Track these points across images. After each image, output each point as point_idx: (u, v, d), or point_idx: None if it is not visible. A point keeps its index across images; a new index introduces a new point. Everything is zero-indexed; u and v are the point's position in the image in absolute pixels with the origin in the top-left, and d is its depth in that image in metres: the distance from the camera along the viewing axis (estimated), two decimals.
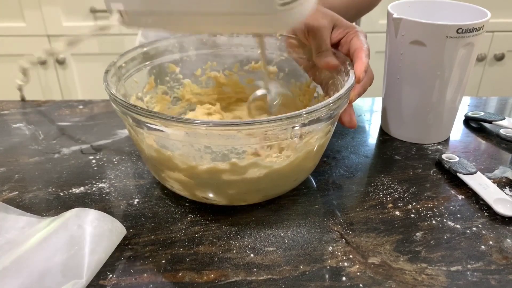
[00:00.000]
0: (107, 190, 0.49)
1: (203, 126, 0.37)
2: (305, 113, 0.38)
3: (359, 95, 0.46)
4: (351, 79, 0.44)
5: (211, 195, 0.44)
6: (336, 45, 0.50)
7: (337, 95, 0.41)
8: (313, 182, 0.51)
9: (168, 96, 0.58)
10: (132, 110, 0.39)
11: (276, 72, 0.58)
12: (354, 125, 0.48)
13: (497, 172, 0.52)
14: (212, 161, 0.42)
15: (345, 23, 0.49)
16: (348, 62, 0.47)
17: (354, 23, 0.51)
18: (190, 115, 0.59)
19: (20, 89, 0.68)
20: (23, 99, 0.70)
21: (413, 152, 0.56)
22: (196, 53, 0.58)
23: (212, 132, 0.37)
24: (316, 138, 0.43)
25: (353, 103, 0.49)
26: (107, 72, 0.47)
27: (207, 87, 0.60)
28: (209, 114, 0.58)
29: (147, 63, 0.55)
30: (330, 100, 0.40)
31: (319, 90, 0.54)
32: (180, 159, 0.42)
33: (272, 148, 0.45)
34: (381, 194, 0.48)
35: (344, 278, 0.38)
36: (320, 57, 0.48)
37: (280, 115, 0.37)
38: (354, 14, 0.67)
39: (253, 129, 0.37)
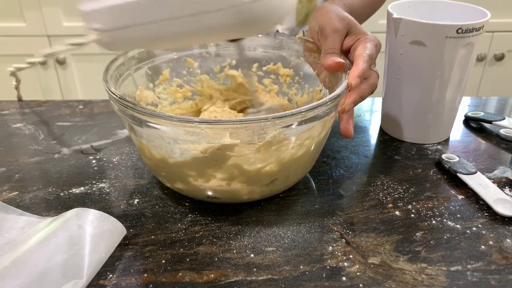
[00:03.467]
0: (107, 190, 0.49)
1: (167, 120, 0.38)
2: (272, 118, 0.37)
3: (354, 104, 0.44)
4: (339, 89, 0.42)
5: (180, 186, 0.45)
6: (348, 52, 0.49)
7: (312, 104, 0.39)
8: (313, 182, 0.51)
9: (182, 89, 0.59)
10: (115, 99, 0.41)
11: (292, 74, 0.58)
12: (349, 135, 0.47)
13: (497, 172, 0.52)
14: (181, 156, 0.42)
15: (359, 30, 0.48)
16: (348, 73, 0.45)
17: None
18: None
19: (17, 88, 0.68)
20: (20, 99, 0.70)
21: (413, 152, 0.56)
22: (215, 50, 0.59)
23: (176, 126, 0.38)
24: (292, 146, 0.43)
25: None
26: (114, 60, 0.48)
27: (224, 84, 0.61)
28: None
29: (163, 56, 0.55)
30: (302, 108, 0.38)
31: None
32: (155, 150, 0.43)
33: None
34: (381, 194, 0.48)
35: (344, 278, 0.38)
36: (325, 57, 0.47)
37: (246, 117, 0.37)
38: (369, 12, 0.67)
39: (216, 128, 0.38)
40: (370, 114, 0.67)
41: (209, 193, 0.45)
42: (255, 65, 0.59)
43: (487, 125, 0.63)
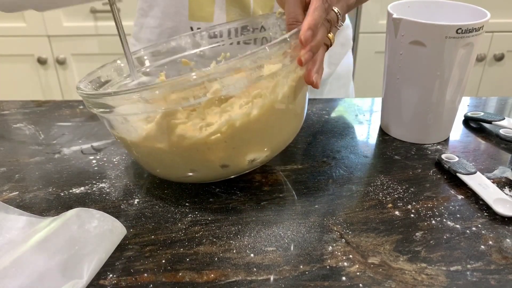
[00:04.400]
0: (107, 190, 0.49)
1: (109, 96, 0.39)
2: (199, 73, 0.36)
3: (311, 51, 0.41)
4: (277, 40, 0.39)
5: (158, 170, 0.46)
6: None
7: (245, 54, 0.37)
8: (313, 182, 0.51)
9: None
10: (82, 93, 0.42)
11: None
12: (311, 81, 0.43)
13: (497, 172, 0.52)
14: (137, 134, 0.43)
15: None
16: None
17: (352, 25, 0.49)
18: None
19: None
20: None
21: (413, 152, 0.56)
22: (209, 48, 0.59)
23: (117, 101, 0.39)
24: (239, 105, 0.42)
25: (351, 101, 0.49)
26: (102, 67, 0.48)
27: None
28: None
29: (158, 61, 0.56)
30: (232, 59, 0.37)
31: None
32: (121, 135, 0.44)
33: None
34: (380, 194, 0.48)
35: (344, 278, 0.38)
36: (288, 30, 0.45)
37: (174, 78, 0.37)
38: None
39: (146, 94, 0.38)
40: (370, 114, 0.67)
41: (189, 173, 0.44)
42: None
43: (487, 125, 0.63)
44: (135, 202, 0.47)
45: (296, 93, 0.45)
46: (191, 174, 0.45)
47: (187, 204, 0.47)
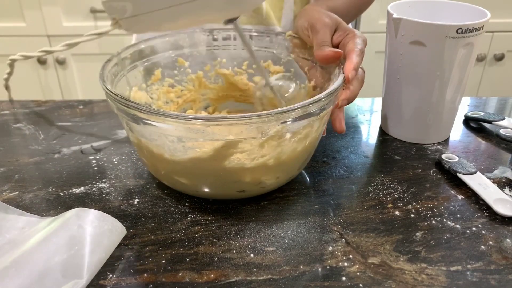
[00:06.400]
0: (107, 190, 0.49)
1: (172, 118, 0.38)
2: (276, 113, 0.38)
3: (347, 100, 0.45)
4: (337, 83, 0.43)
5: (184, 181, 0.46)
6: (337, 48, 0.49)
7: (313, 98, 0.40)
8: (313, 182, 0.51)
9: (174, 89, 0.59)
10: (111, 97, 0.41)
11: (283, 71, 0.59)
12: (342, 130, 0.47)
13: (497, 172, 0.52)
14: (185, 154, 0.43)
15: (345, 27, 0.50)
16: (342, 68, 0.46)
17: (352, 25, 0.51)
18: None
19: (6, 87, 0.68)
20: (11, 100, 0.70)
21: (413, 152, 0.56)
22: (206, 49, 0.59)
23: (181, 124, 0.38)
24: (292, 141, 0.43)
25: (353, 103, 0.49)
26: (108, 61, 0.48)
27: (215, 83, 0.61)
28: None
29: (154, 56, 0.56)
30: (305, 102, 0.39)
31: None
32: (156, 148, 0.43)
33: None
34: (381, 194, 0.48)
35: (344, 278, 0.38)
36: (319, 50, 0.48)
37: (250, 113, 0.37)
38: (354, 14, 0.68)
39: (221, 124, 0.38)
40: (370, 114, 0.67)
41: (206, 190, 0.45)
42: (245, 62, 0.59)
43: (487, 125, 0.63)
44: (135, 202, 0.47)
45: (323, 128, 0.48)
46: (207, 190, 0.46)
47: (187, 204, 0.47)
